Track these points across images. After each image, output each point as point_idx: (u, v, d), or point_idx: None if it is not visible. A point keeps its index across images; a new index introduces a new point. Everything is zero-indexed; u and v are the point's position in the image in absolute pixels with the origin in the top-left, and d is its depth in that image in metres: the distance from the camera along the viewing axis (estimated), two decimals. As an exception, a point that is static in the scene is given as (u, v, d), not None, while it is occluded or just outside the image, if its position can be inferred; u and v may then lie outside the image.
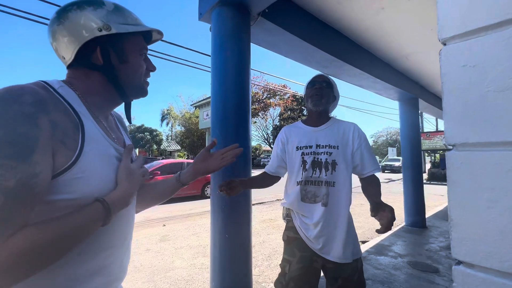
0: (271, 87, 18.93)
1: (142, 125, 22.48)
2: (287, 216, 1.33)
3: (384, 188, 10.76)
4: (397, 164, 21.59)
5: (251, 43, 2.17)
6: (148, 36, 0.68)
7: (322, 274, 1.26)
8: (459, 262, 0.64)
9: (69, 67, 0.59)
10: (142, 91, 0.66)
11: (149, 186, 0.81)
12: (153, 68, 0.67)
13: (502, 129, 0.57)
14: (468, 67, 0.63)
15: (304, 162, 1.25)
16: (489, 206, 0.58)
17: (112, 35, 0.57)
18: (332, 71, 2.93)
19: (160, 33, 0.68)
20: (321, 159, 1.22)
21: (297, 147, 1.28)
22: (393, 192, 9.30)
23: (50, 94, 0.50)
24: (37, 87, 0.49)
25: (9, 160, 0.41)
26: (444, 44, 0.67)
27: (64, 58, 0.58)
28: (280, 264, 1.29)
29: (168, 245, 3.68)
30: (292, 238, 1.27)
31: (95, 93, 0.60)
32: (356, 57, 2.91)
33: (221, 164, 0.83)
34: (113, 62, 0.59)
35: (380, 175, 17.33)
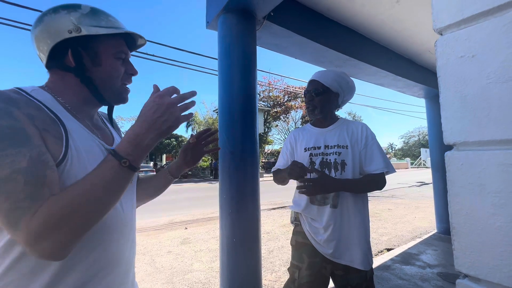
0: (291, 90, 18.79)
1: (168, 132, 23.49)
2: (295, 220, 1.31)
3: (416, 192, 10.09)
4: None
5: (260, 47, 2.18)
6: (132, 41, 0.68)
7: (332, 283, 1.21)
8: (464, 276, 0.58)
9: (48, 68, 0.61)
10: (119, 97, 0.66)
11: (142, 181, 0.82)
12: (134, 72, 0.66)
13: (506, 125, 0.51)
14: (466, 58, 0.57)
15: (312, 163, 1.22)
16: (495, 212, 0.51)
17: (85, 38, 0.57)
18: (347, 70, 2.82)
19: (141, 37, 0.67)
20: (330, 160, 1.19)
21: (305, 148, 1.26)
22: (426, 196, 8.64)
23: (20, 96, 0.51)
24: (6, 90, 0.50)
25: (11, 148, 0.43)
26: (440, 34, 0.62)
27: (42, 60, 0.60)
28: (288, 269, 1.26)
29: (189, 248, 3.77)
30: (300, 243, 1.24)
31: (71, 95, 0.60)
32: (373, 54, 2.77)
33: (204, 152, 0.82)
34: (86, 64, 0.59)
35: (412, 178, 16.18)
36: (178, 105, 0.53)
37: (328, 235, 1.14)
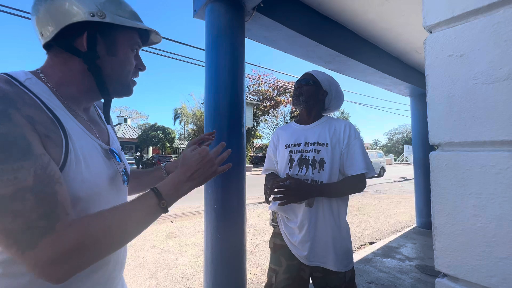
0: (281, 85, 18.75)
1: (155, 124, 22.95)
2: (273, 222, 1.27)
3: (397, 187, 10.45)
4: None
5: (250, 40, 2.13)
6: (145, 35, 0.64)
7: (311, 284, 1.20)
8: (443, 275, 0.58)
9: (46, 47, 0.54)
10: (127, 90, 0.61)
11: (134, 177, 0.77)
12: (143, 67, 0.63)
13: (490, 126, 0.51)
14: (454, 57, 0.56)
15: (291, 160, 1.19)
16: (476, 213, 0.51)
17: (105, 24, 0.52)
18: (335, 66, 2.83)
19: (158, 34, 0.64)
20: (308, 157, 1.16)
21: (285, 145, 1.23)
22: (407, 191, 8.97)
23: (15, 89, 0.44)
24: None
25: (11, 162, 0.39)
26: (430, 32, 0.61)
27: (42, 35, 0.52)
28: (267, 274, 1.23)
29: (174, 242, 3.72)
30: (278, 245, 1.21)
31: (71, 84, 0.54)
32: (361, 51, 2.79)
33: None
34: (99, 52, 0.54)
35: (395, 173, 16.67)
36: (216, 160, 0.59)
37: (302, 235, 1.11)
